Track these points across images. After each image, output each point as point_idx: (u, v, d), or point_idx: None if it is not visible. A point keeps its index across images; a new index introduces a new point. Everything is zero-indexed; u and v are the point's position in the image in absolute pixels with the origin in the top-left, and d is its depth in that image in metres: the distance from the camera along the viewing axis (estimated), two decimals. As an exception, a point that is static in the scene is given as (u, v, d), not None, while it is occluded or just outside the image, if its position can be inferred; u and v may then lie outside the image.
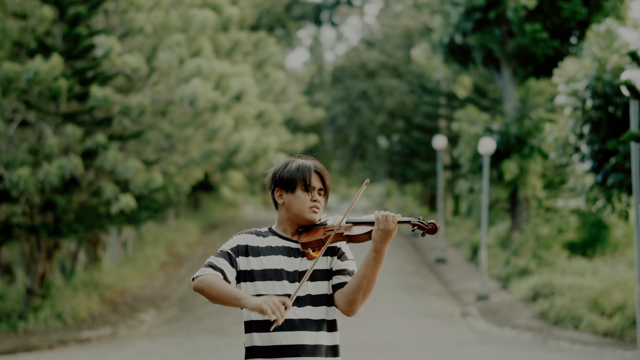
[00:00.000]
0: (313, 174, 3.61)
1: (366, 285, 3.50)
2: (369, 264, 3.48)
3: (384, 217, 3.45)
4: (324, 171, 3.65)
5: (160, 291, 17.97)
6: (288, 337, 3.50)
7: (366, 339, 12.61)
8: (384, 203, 44.24)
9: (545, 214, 21.01)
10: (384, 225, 3.45)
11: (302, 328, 3.51)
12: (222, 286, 3.44)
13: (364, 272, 3.49)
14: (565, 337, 12.82)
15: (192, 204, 32.89)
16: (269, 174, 3.70)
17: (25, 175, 12.46)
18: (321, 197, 3.64)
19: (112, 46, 13.10)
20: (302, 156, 3.71)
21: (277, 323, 3.32)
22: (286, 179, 3.61)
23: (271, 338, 3.51)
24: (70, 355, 11.73)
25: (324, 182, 3.64)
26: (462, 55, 20.90)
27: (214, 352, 11.71)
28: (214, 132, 16.35)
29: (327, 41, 60.37)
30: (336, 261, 3.63)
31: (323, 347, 3.54)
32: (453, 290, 18.24)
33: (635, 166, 10.14)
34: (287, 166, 3.64)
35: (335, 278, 3.60)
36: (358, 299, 3.52)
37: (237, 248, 3.59)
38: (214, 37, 19.42)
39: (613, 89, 12.06)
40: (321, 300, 3.57)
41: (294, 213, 3.61)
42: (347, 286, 3.54)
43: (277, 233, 3.66)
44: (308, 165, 3.63)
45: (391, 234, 3.46)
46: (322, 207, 3.65)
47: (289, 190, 3.60)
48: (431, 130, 31.39)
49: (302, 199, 3.59)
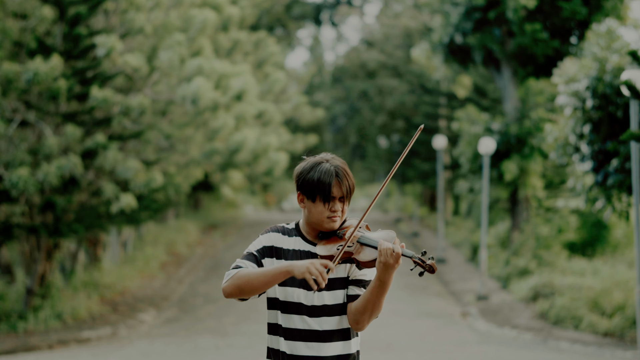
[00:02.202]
0: (334, 184, 3.53)
1: (371, 308, 3.47)
2: (373, 291, 3.44)
3: (385, 250, 3.38)
4: (345, 176, 3.55)
5: (160, 291, 17.97)
6: (300, 347, 3.51)
7: (366, 339, 12.61)
8: (384, 203, 44.23)
9: (545, 214, 21.01)
10: (384, 259, 3.37)
11: (315, 339, 3.51)
12: (259, 271, 3.44)
13: (369, 297, 3.46)
14: (565, 337, 12.82)
15: (192, 204, 32.88)
16: (295, 172, 3.64)
17: (25, 175, 12.46)
18: (343, 204, 3.58)
19: (113, 45, 13.10)
20: (330, 157, 3.60)
21: (319, 287, 3.33)
22: (308, 185, 3.55)
23: (290, 346, 3.52)
24: (70, 355, 11.72)
25: (342, 188, 3.55)
26: (462, 55, 20.90)
27: (214, 352, 11.71)
28: (214, 131, 16.35)
29: (327, 41, 60.38)
30: (354, 270, 3.58)
31: (334, 357, 3.53)
32: (453, 290, 18.23)
33: (636, 166, 10.14)
34: (310, 172, 3.56)
35: (350, 288, 3.56)
36: (364, 320, 3.49)
37: (264, 249, 3.58)
38: (214, 37, 19.42)
39: (613, 89, 12.05)
40: (337, 309, 3.55)
41: (313, 221, 3.58)
42: (354, 305, 3.51)
43: (302, 234, 3.63)
44: (330, 174, 3.53)
45: (393, 267, 3.38)
46: (344, 213, 3.60)
47: (310, 198, 3.56)
48: (431, 130, 31.39)
49: (320, 210, 3.54)
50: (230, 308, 15.95)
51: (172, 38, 14.45)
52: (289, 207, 42.87)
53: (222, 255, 23.86)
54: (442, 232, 23.19)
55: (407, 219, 34.93)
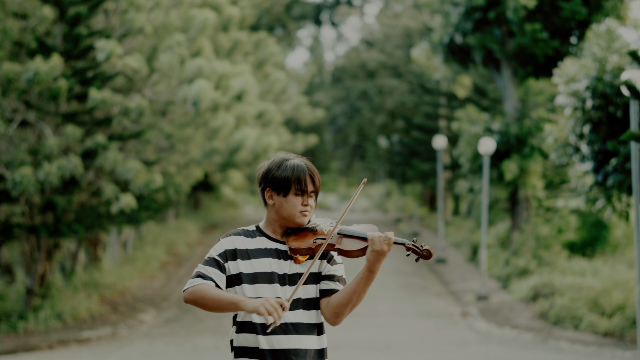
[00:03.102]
0: (307, 178, 3.52)
1: (355, 300, 3.46)
2: (360, 282, 3.44)
3: (378, 238, 3.37)
4: (315, 172, 3.56)
5: (160, 291, 17.97)
6: (281, 341, 3.47)
7: (366, 339, 12.61)
8: (384, 203, 44.23)
9: (545, 214, 21.01)
10: (379, 247, 3.37)
11: (294, 332, 3.48)
12: (215, 294, 3.40)
13: (355, 288, 3.45)
14: (565, 337, 12.82)
15: (192, 204, 32.89)
16: (259, 171, 3.61)
17: (27, 174, 12.46)
18: (312, 199, 3.56)
19: (113, 49, 13.10)
20: (294, 156, 3.61)
21: (274, 324, 3.30)
22: (279, 181, 3.52)
23: (266, 341, 3.47)
24: (70, 355, 11.73)
25: (314, 183, 3.55)
26: (462, 55, 20.90)
27: (214, 352, 11.72)
28: (214, 131, 16.35)
29: (327, 41, 60.41)
30: (325, 265, 3.56)
31: (312, 351, 3.51)
32: (453, 290, 18.24)
33: (636, 166, 10.14)
34: (280, 167, 3.54)
35: (323, 283, 3.54)
36: (345, 312, 3.49)
37: (225, 253, 3.52)
38: (214, 37, 19.42)
39: (613, 89, 12.05)
40: (311, 304, 3.53)
41: (284, 216, 3.54)
42: (335, 298, 3.49)
43: (265, 233, 3.59)
44: (302, 167, 3.53)
45: (385, 255, 3.39)
46: (313, 209, 3.58)
47: (281, 193, 3.53)
48: (431, 130, 31.39)
49: (293, 203, 3.51)
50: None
51: (172, 38, 14.45)
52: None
53: (222, 255, 23.83)
54: (442, 232, 23.19)
55: (407, 219, 34.93)
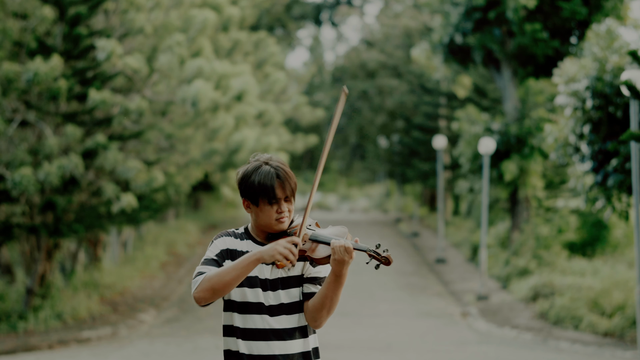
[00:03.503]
0: (276, 186, 3.48)
1: (329, 304, 3.48)
2: (329, 286, 3.45)
3: (339, 247, 3.38)
4: (287, 176, 3.50)
5: (160, 291, 17.97)
6: (260, 347, 3.49)
7: (366, 339, 12.61)
8: (384, 203, 44.24)
9: (545, 214, 21.01)
10: (339, 256, 3.38)
11: (274, 338, 3.50)
12: (227, 267, 3.41)
13: (326, 292, 3.46)
14: (565, 337, 12.82)
15: (192, 204, 32.89)
16: (237, 177, 3.57)
17: (27, 174, 12.46)
18: (289, 203, 3.54)
19: (113, 49, 13.10)
20: (266, 157, 3.55)
21: (292, 265, 3.36)
22: (250, 192, 3.50)
23: (245, 346, 3.50)
24: (70, 355, 11.73)
25: (285, 188, 3.50)
26: (462, 55, 20.90)
27: (214, 352, 11.72)
28: (214, 131, 16.35)
29: (327, 41, 60.42)
30: (308, 267, 3.57)
31: (295, 355, 3.52)
32: (453, 290, 18.24)
33: (636, 166, 10.14)
34: (250, 176, 3.50)
35: (305, 286, 3.56)
36: (322, 316, 3.50)
37: (222, 253, 3.55)
38: (214, 37, 19.42)
39: (613, 89, 12.06)
40: (294, 307, 3.54)
41: (261, 224, 3.55)
42: (310, 303, 3.51)
43: (252, 236, 3.61)
44: (271, 175, 3.48)
45: (347, 263, 3.39)
46: (291, 212, 3.56)
47: (254, 203, 3.52)
48: (431, 130, 31.39)
49: (267, 213, 3.50)
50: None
51: (172, 38, 14.46)
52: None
53: (222, 255, 23.85)
54: (442, 232, 23.19)
55: (407, 219, 34.93)
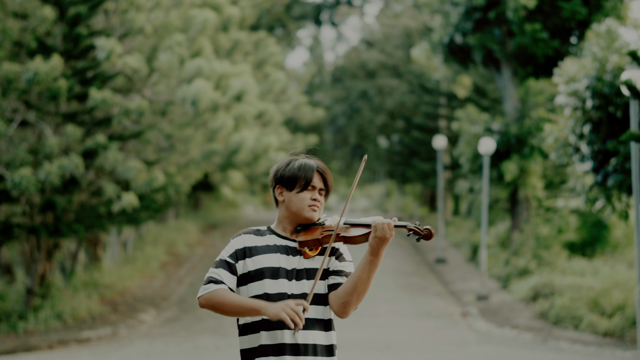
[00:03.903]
0: (315, 174, 3.64)
1: (361, 287, 3.53)
2: (364, 267, 3.52)
3: (381, 224, 3.48)
4: (327, 171, 3.68)
5: (160, 291, 17.97)
6: (285, 335, 3.53)
7: (366, 339, 12.61)
8: (384, 203, 44.23)
9: (545, 214, 21.01)
10: (381, 233, 3.48)
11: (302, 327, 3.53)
12: (235, 299, 3.50)
13: (360, 274, 3.52)
14: (565, 337, 12.82)
15: (192, 204, 32.89)
16: (271, 171, 3.73)
17: (28, 175, 12.46)
18: (321, 197, 3.68)
19: (113, 48, 13.10)
20: (305, 155, 3.75)
21: (298, 328, 3.39)
22: (287, 176, 3.64)
23: (269, 336, 3.53)
24: (70, 355, 11.73)
25: (325, 182, 3.68)
26: (462, 55, 20.90)
27: (214, 352, 11.72)
28: (214, 132, 16.36)
29: (327, 41, 60.42)
30: (334, 261, 3.65)
31: (318, 346, 3.56)
32: (453, 290, 18.24)
33: (636, 166, 10.14)
34: (289, 164, 3.67)
35: (331, 278, 3.62)
36: (352, 301, 3.55)
37: (236, 253, 3.61)
38: (214, 37, 19.42)
39: (613, 89, 12.06)
40: (318, 299, 3.59)
41: (293, 211, 3.64)
42: (341, 288, 3.57)
43: (275, 232, 3.68)
44: (311, 164, 3.66)
45: (387, 240, 3.50)
46: (321, 207, 3.68)
47: (290, 188, 3.64)
48: (431, 130, 31.39)
49: (301, 197, 3.62)
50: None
51: (172, 38, 14.46)
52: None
53: (222, 255, 23.84)
54: (442, 232, 23.19)
55: (407, 219, 34.94)
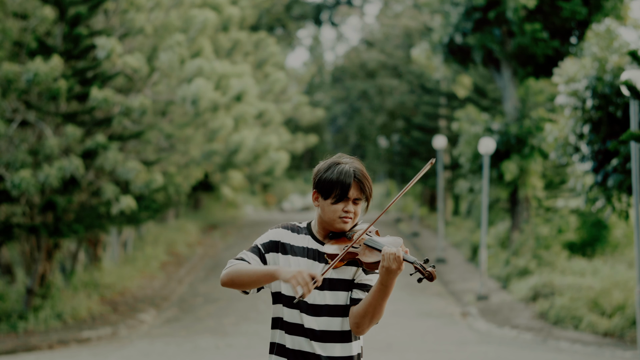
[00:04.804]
0: (353, 184, 3.53)
1: (372, 312, 3.46)
2: (375, 295, 3.44)
3: (389, 255, 3.38)
4: (365, 178, 3.55)
5: (160, 291, 17.97)
6: (303, 343, 3.52)
7: (366, 339, 12.60)
8: (384, 203, 44.22)
9: (545, 214, 21.01)
10: (387, 264, 3.38)
11: (314, 338, 3.52)
12: (250, 268, 3.46)
13: (370, 301, 3.45)
14: (565, 337, 12.82)
15: (192, 204, 32.89)
16: (314, 170, 3.63)
17: (27, 177, 12.47)
18: (357, 206, 3.57)
19: (113, 48, 13.10)
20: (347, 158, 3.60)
21: (302, 297, 3.33)
22: (323, 184, 3.55)
23: (291, 341, 3.54)
24: (70, 355, 11.73)
25: (363, 190, 3.56)
26: (462, 55, 20.90)
27: (214, 352, 11.72)
28: (214, 132, 16.36)
29: (327, 41, 60.45)
30: (360, 273, 3.57)
31: (337, 358, 3.53)
32: (453, 290, 18.24)
33: (636, 166, 10.14)
34: (329, 169, 3.56)
35: (354, 291, 3.55)
36: (364, 324, 3.49)
37: (269, 244, 3.60)
38: (214, 37, 19.43)
39: (613, 89, 12.06)
40: (338, 311, 3.54)
41: (325, 219, 3.58)
42: (355, 308, 3.51)
43: (312, 232, 3.64)
44: (348, 174, 3.53)
45: (395, 272, 3.38)
46: (357, 215, 3.58)
47: (325, 197, 3.55)
48: (431, 130, 31.39)
49: (334, 209, 3.54)
50: (230, 308, 15.96)
51: (172, 38, 14.46)
52: (289, 207, 42.83)
53: (222, 255, 23.86)
54: (442, 232, 23.19)
55: (407, 219, 34.93)
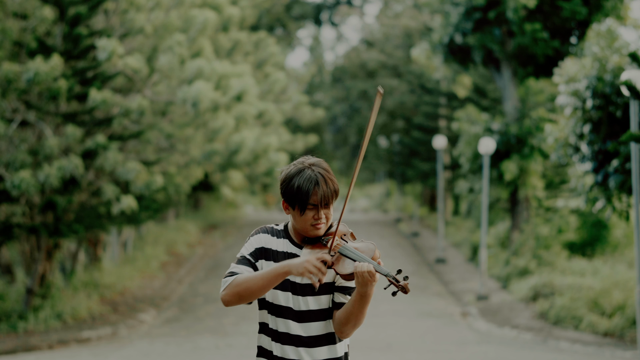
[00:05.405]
0: (314, 192, 3.43)
1: (354, 320, 3.45)
2: (354, 304, 3.42)
3: (361, 273, 3.32)
4: (327, 182, 3.46)
5: (160, 291, 17.97)
6: (288, 350, 3.51)
7: (366, 339, 12.61)
8: (384, 203, 44.23)
9: (545, 214, 21.01)
10: (361, 279, 3.34)
11: (302, 344, 3.50)
12: (255, 275, 3.40)
13: (351, 310, 3.43)
14: (565, 337, 12.82)
15: (192, 204, 32.89)
16: (280, 178, 3.55)
17: (27, 177, 12.47)
18: (328, 209, 3.49)
19: (114, 49, 13.10)
20: (309, 161, 3.51)
21: (320, 282, 3.31)
22: (289, 195, 3.47)
23: (277, 348, 3.52)
24: (70, 355, 11.73)
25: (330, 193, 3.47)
26: (462, 55, 20.90)
27: (214, 352, 11.72)
28: (214, 132, 16.36)
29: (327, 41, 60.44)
30: (339, 277, 3.53)
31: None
32: (453, 290, 18.24)
33: (636, 167, 10.14)
34: (291, 181, 3.46)
35: (336, 295, 3.52)
36: (348, 330, 3.47)
37: (256, 252, 3.53)
38: (214, 37, 19.43)
39: (613, 89, 12.06)
40: (322, 314, 3.53)
41: (297, 228, 3.53)
42: (337, 315, 3.49)
43: (290, 236, 3.59)
44: (311, 181, 3.44)
45: (371, 284, 3.35)
46: (329, 218, 3.52)
47: (292, 207, 3.49)
48: (431, 130, 31.40)
49: (304, 218, 3.47)
50: (230, 308, 15.95)
51: (173, 38, 14.46)
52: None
53: (222, 255, 23.87)
54: (442, 232, 23.19)
55: (407, 219, 34.93)
